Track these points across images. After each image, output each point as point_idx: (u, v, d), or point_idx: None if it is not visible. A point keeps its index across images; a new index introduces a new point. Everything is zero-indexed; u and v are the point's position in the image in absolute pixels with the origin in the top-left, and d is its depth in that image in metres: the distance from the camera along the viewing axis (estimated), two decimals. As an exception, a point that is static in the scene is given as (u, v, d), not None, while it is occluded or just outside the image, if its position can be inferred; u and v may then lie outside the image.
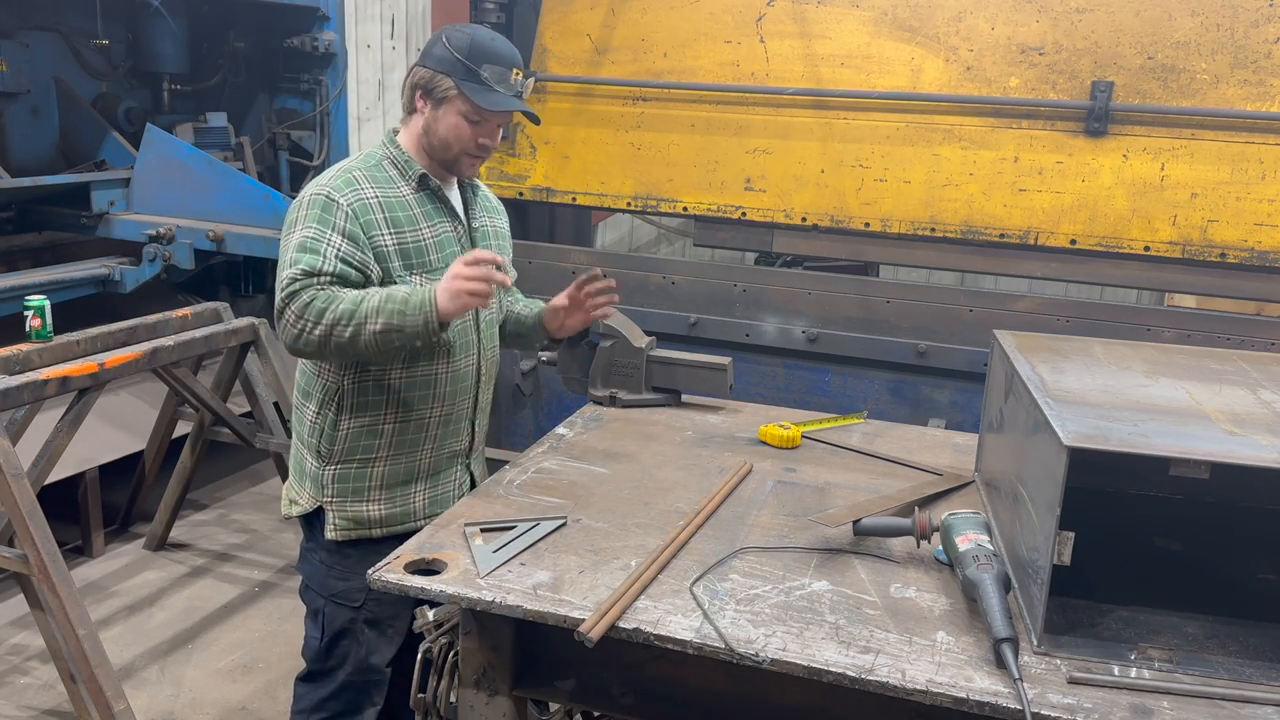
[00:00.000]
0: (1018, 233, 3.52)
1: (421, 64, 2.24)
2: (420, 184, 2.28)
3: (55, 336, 3.31)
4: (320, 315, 2.08)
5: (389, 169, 2.27)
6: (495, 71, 2.20)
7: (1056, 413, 1.68)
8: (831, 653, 1.61)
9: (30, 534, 2.92)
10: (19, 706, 3.33)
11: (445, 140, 2.24)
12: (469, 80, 2.19)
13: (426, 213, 2.28)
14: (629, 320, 2.89)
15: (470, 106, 2.20)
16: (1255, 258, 3.32)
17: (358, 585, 2.34)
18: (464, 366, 2.36)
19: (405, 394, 2.30)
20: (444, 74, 2.19)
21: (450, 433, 2.40)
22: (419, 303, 2.08)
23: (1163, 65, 3.29)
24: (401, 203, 2.24)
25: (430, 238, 2.26)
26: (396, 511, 2.36)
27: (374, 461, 2.31)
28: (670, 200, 3.90)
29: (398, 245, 2.21)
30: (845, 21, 3.58)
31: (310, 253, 2.11)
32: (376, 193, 2.21)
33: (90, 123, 4.89)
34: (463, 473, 2.48)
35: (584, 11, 3.88)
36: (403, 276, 2.21)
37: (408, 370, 2.29)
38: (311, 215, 2.15)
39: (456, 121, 2.22)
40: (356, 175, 2.22)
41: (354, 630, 2.37)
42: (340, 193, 2.17)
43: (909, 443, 2.63)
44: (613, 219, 6.52)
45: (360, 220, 2.15)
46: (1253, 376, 2.06)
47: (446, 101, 2.21)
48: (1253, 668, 1.61)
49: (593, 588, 1.78)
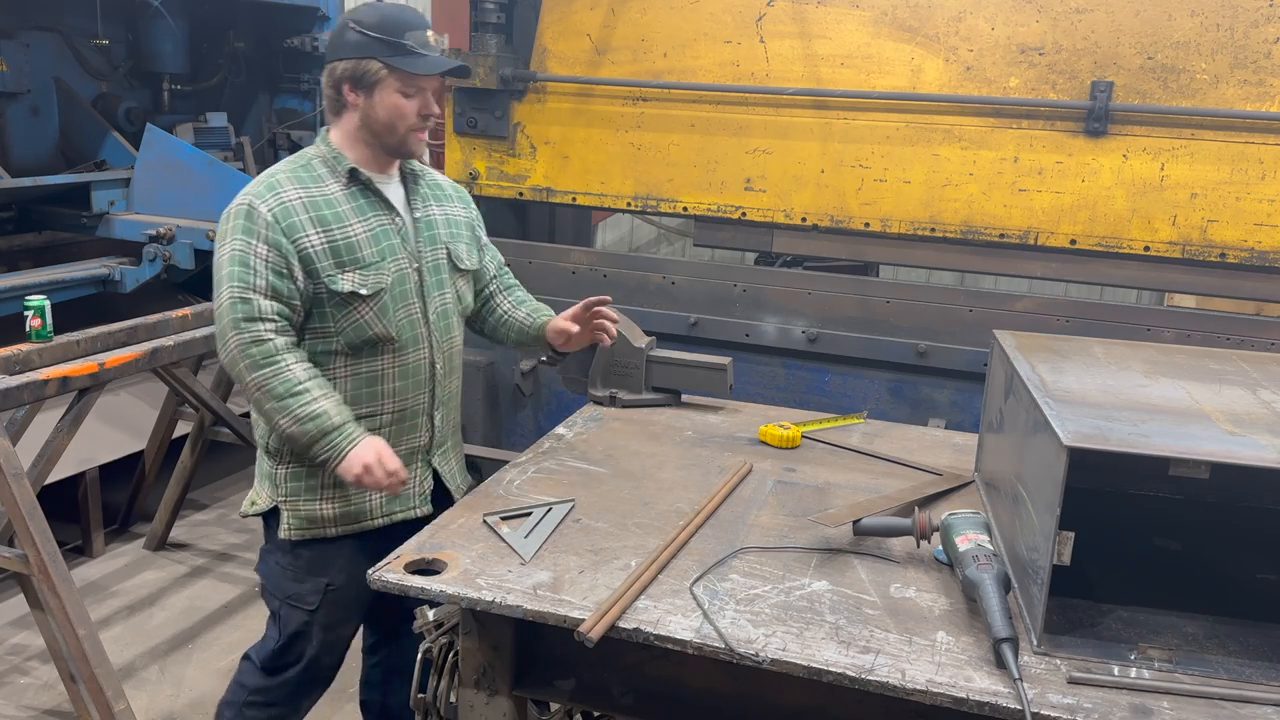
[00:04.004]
0: (1018, 233, 3.52)
1: (336, 58, 2.19)
2: (350, 179, 2.24)
3: (55, 336, 3.31)
4: (256, 368, 2.11)
5: (318, 167, 2.24)
6: (417, 37, 2.18)
7: (1056, 413, 1.68)
8: (831, 653, 1.61)
9: (30, 534, 2.92)
10: (19, 706, 3.33)
11: (388, 123, 2.20)
12: (396, 54, 2.15)
13: (358, 208, 2.24)
14: (629, 320, 2.89)
15: (404, 80, 2.17)
16: (1255, 258, 3.31)
17: (312, 587, 2.33)
18: (414, 361, 2.33)
19: (353, 392, 2.27)
20: (368, 58, 2.15)
21: (406, 429, 2.37)
22: (331, 445, 2.12)
23: (1163, 65, 3.29)
24: (329, 200, 2.21)
25: (363, 233, 2.23)
26: (352, 509, 2.34)
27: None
28: (670, 200, 3.90)
29: (326, 244, 2.17)
30: (845, 21, 3.57)
31: (241, 266, 2.12)
32: (301, 193, 2.18)
33: (90, 123, 4.89)
34: (424, 469, 2.44)
35: (584, 11, 3.87)
36: (334, 276, 2.18)
37: (352, 367, 2.26)
38: (237, 226, 2.14)
39: (395, 101, 2.18)
40: (279, 179, 2.20)
41: (308, 633, 2.36)
42: (261, 199, 2.15)
43: (909, 443, 2.63)
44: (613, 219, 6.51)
45: (282, 225, 2.13)
46: (1253, 376, 2.06)
47: (379, 84, 2.17)
48: (1253, 668, 1.61)
49: (593, 588, 1.78)
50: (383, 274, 2.23)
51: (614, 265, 3.99)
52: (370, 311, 2.22)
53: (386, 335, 2.25)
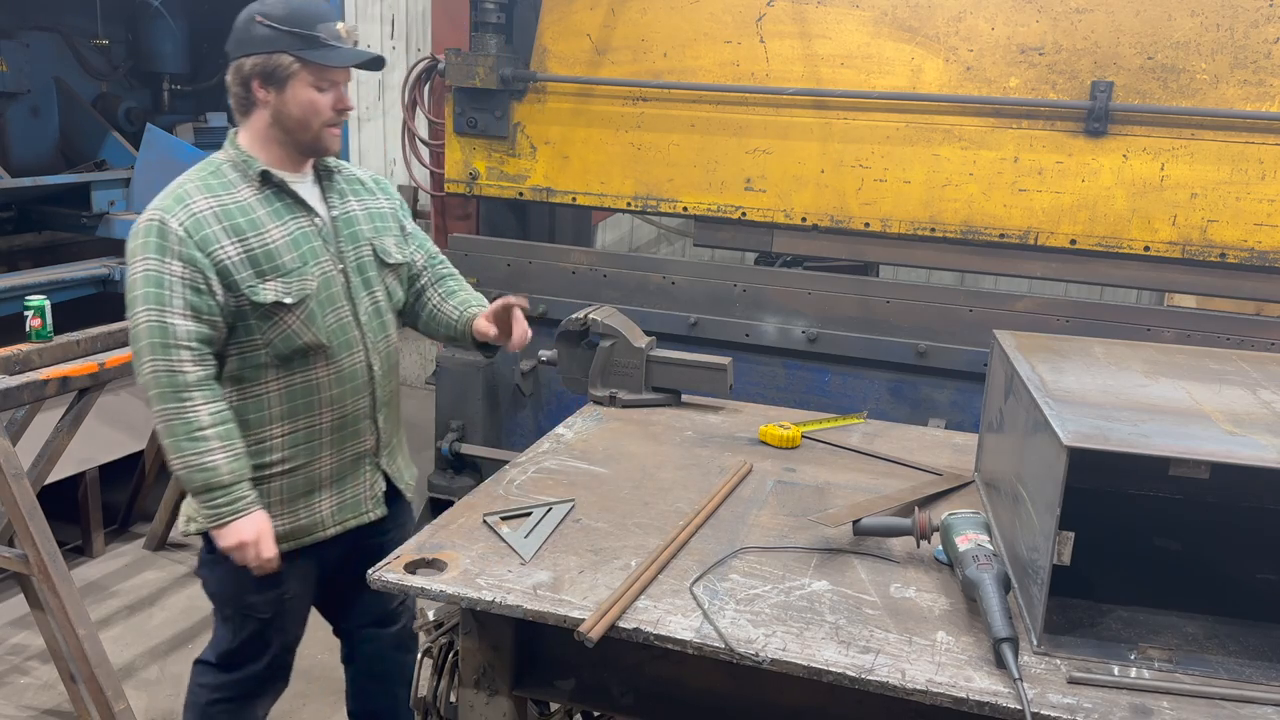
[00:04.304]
0: (1018, 233, 3.52)
1: (243, 54, 2.09)
2: (263, 182, 2.15)
3: (55, 336, 3.31)
4: (164, 400, 2.04)
5: (228, 173, 2.15)
6: (328, 29, 2.09)
7: (1056, 413, 1.68)
8: (831, 653, 1.61)
9: (30, 534, 2.92)
10: (19, 706, 3.33)
11: (302, 120, 2.12)
12: (308, 47, 2.07)
13: (274, 212, 2.15)
14: (629, 320, 2.89)
15: (318, 74, 2.08)
16: (1255, 258, 3.32)
17: (265, 599, 2.29)
18: (349, 366, 2.25)
19: (288, 404, 2.20)
20: (278, 52, 2.06)
21: (349, 435, 2.30)
22: (214, 505, 2.06)
23: (1163, 65, 3.29)
24: (242, 207, 2.12)
25: (281, 238, 2.14)
26: (302, 524, 2.28)
27: (269, 478, 2.22)
28: (670, 200, 3.90)
29: (243, 254, 2.09)
30: (845, 21, 3.58)
31: (156, 286, 2.03)
32: (212, 203, 2.09)
33: (90, 123, 4.89)
34: (373, 473, 2.38)
35: (584, 11, 3.87)
36: (255, 287, 2.09)
37: (285, 379, 2.18)
38: (149, 244, 2.05)
39: (308, 96, 2.10)
40: (188, 189, 2.11)
41: (264, 637, 2.34)
42: (171, 213, 2.06)
43: (909, 443, 2.63)
44: (613, 219, 6.51)
45: (195, 238, 2.04)
46: (1253, 376, 2.06)
47: (291, 79, 2.08)
48: (1253, 668, 1.61)
49: (593, 588, 1.78)
50: (306, 280, 2.14)
51: (614, 265, 3.99)
52: (297, 320, 2.14)
53: (317, 343, 2.18)
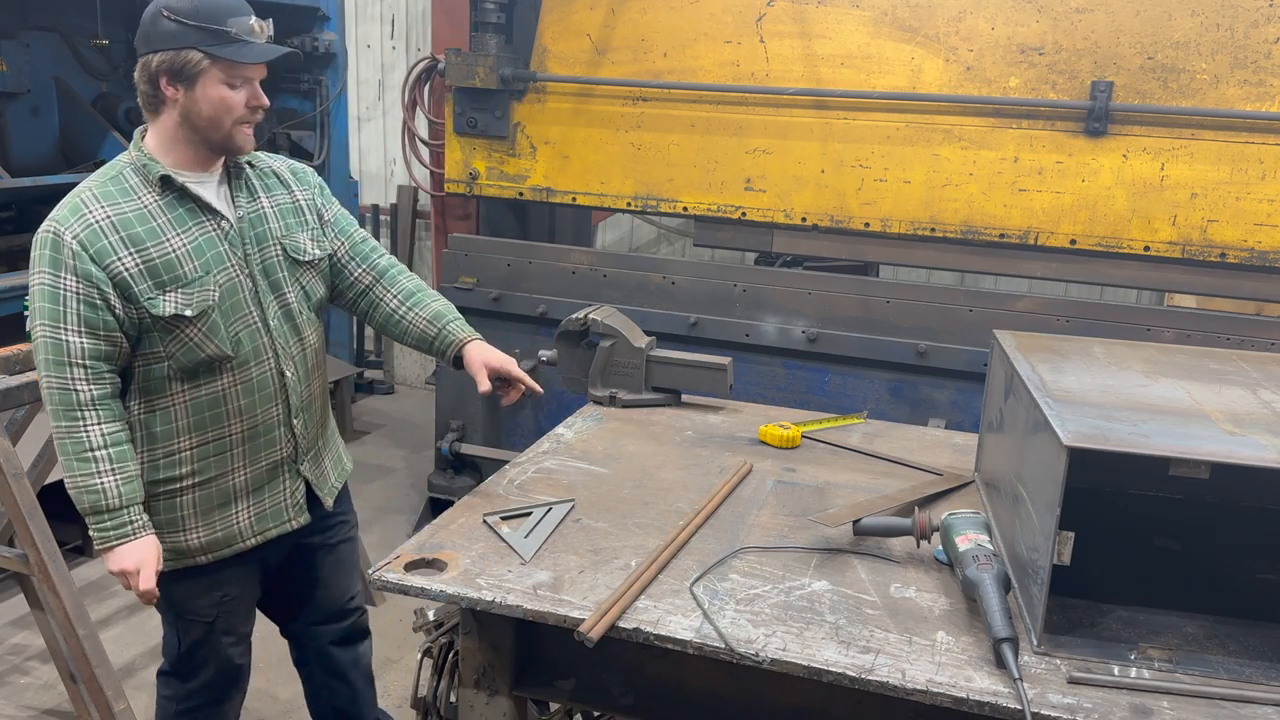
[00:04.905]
0: (1018, 233, 3.52)
1: (150, 50, 1.99)
2: (164, 187, 2.06)
3: (55, 336, 3.31)
4: (58, 417, 2.01)
5: (130, 177, 2.06)
6: (240, 24, 2.01)
7: (1056, 413, 1.68)
8: (831, 653, 1.61)
9: (30, 534, 2.92)
10: (19, 706, 3.33)
11: (212, 118, 2.03)
12: (218, 43, 1.98)
13: (176, 218, 2.06)
14: (629, 320, 2.89)
15: (230, 70, 2.00)
16: (1255, 258, 3.32)
17: (207, 602, 2.27)
18: (258, 375, 2.18)
19: (194, 417, 2.13)
20: (188, 48, 1.97)
21: (263, 445, 2.23)
22: (100, 528, 2.03)
23: (1163, 65, 3.29)
24: (142, 214, 2.03)
25: (182, 246, 2.05)
26: (219, 536, 2.22)
27: (180, 491, 2.17)
28: (670, 200, 3.90)
29: (142, 265, 2.00)
30: (845, 21, 3.58)
31: (50, 302, 1.99)
32: (109, 212, 2.01)
33: (90, 123, 4.89)
34: (293, 479, 2.30)
35: (584, 11, 3.87)
36: (154, 300, 2.01)
37: (191, 392, 2.11)
38: (44, 258, 2.00)
39: (220, 93, 2.01)
40: (85, 198, 2.03)
41: (210, 639, 2.32)
42: (66, 225, 1.99)
43: (909, 443, 2.63)
44: (613, 219, 6.51)
45: (90, 251, 1.97)
46: (1253, 376, 2.06)
47: (201, 76, 1.99)
48: (1253, 668, 1.61)
49: (593, 588, 1.78)
50: (208, 290, 2.07)
51: (614, 265, 3.99)
52: (199, 332, 2.07)
53: (221, 354, 2.10)
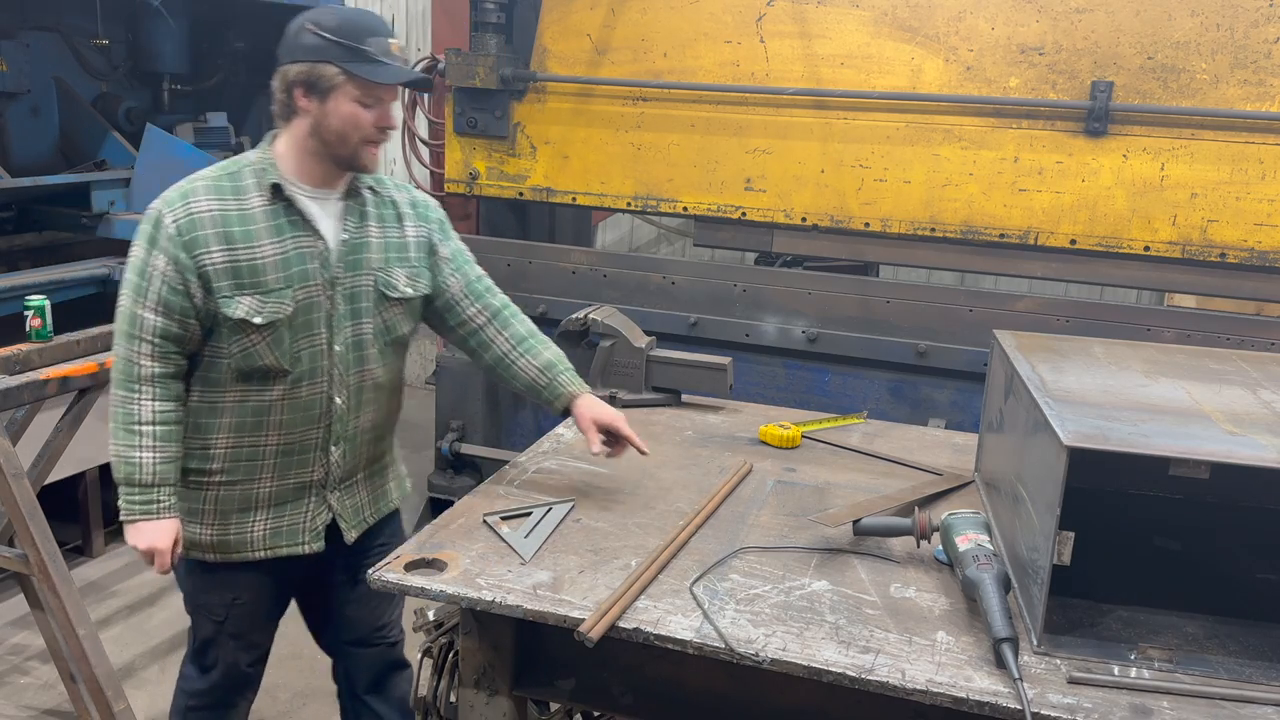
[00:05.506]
0: (1018, 233, 3.52)
1: (291, 60, 2.04)
2: (274, 195, 2.08)
3: (55, 336, 3.31)
4: (117, 385, 2.07)
5: (246, 178, 2.09)
6: (379, 44, 2.03)
7: (1056, 413, 1.68)
8: (831, 653, 1.61)
9: (30, 534, 2.92)
10: (19, 706, 3.33)
11: (341, 133, 2.06)
12: (355, 60, 2.01)
13: (276, 227, 2.08)
14: (629, 320, 2.89)
15: (363, 88, 2.03)
16: (1255, 258, 3.32)
17: (219, 600, 2.27)
18: (308, 395, 2.16)
19: (237, 419, 2.15)
20: (324, 62, 2.01)
21: (295, 463, 2.21)
22: (129, 501, 2.07)
23: (1163, 65, 3.29)
24: (243, 216, 2.06)
25: (273, 255, 2.07)
26: (230, 539, 2.21)
27: (206, 485, 2.18)
28: (670, 200, 3.90)
29: (229, 263, 2.04)
30: (845, 21, 3.58)
31: (138, 275, 2.05)
32: (213, 206, 2.05)
33: (90, 123, 4.88)
34: (317, 505, 2.26)
35: (584, 11, 3.88)
36: (229, 299, 2.04)
37: (242, 394, 2.14)
38: (144, 233, 2.06)
39: (350, 110, 2.04)
40: (196, 187, 2.07)
41: (219, 639, 2.32)
42: (170, 208, 2.04)
43: (909, 443, 2.63)
44: (613, 219, 6.51)
45: (184, 239, 2.02)
46: (1253, 376, 2.06)
47: (335, 90, 2.02)
48: (1253, 668, 1.61)
49: (593, 588, 1.78)
50: (283, 303, 2.08)
51: (614, 265, 3.99)
52: (262, 341, 2.08)
53: (279, 367, 2.11)
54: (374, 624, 2.46)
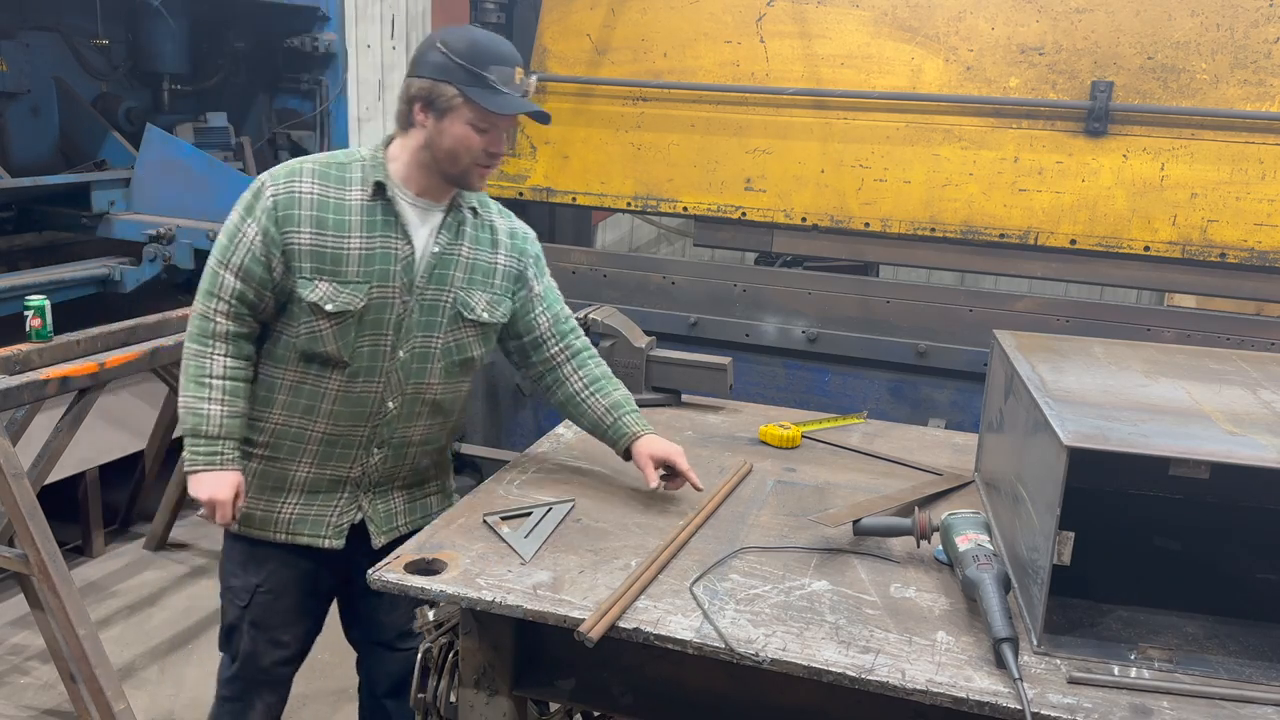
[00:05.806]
0: (1018, 233, 3.52)
1: (417, 74, 2.08)
2: (375, 193, 2.12)
3: (55, 336, 3.31)
4: (192, 339, 2.13)
5: (355, 170, 2.14)
6: (501, 73, 2.05)
7: (1056, 413, 1.68)
8: (831, 653, 1.61)
9: (30, 534, 2.92)
10: (19, 706, 3.33)
11: (452, 153, 2.08)
12: (475, 85, 2.03)
13: (369, 223, 2.12)
14: (629, 320, 2.89)
15: (478, 113, 2.05)
16: (1255, 258, 3.32)
17: (243, 584, 2.30)
18: (361, 391, 2.19)
19: (290, 398, 2.19)
20: (445, 82, 2.04)
21: (335, 455, 2.23)
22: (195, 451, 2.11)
23: (1163, 65, 3.29)
24: (340, 205, 2.10)
25: (358, 249, 2.10)
26: (257, 515, 2.25)
27: (249, 456, 2.23)
28: (670, 200, 3.90)
29: (314, 247, 2.08)
30: (845, 21, 3.58)
31: (229, 239, 2.12)
32: (314, 189, 2.10)
33: (90, 123, 4.88)
34: (349, 503, 2.27)
35: (584, 11, 3.88)
36: (307, 281, 2.09)
37: (300, 375, 2.18)
38: (244, 200, 2.12)
39: (464, 132, 2.06)
40: (304, 168, 2.13)
41: (241, 627, 2.34)
42: (276, 181, 2.10)
43: (909, 443, 2.63)
44: (613, 219, 6.52)
45: (279, 214, 2.08)
46: (1253, 376, 2.06)
47: (451, 111, 2.05)
48: (1253, 668, 1.61)
49: (593, 588, 1.78)
50: (357, 297, 2.11)
51: (614, 265, 3.99)
52: (328, 328, 2.12)
53: (339, 358, 2.14)
54: (400, 628, 2.46)
